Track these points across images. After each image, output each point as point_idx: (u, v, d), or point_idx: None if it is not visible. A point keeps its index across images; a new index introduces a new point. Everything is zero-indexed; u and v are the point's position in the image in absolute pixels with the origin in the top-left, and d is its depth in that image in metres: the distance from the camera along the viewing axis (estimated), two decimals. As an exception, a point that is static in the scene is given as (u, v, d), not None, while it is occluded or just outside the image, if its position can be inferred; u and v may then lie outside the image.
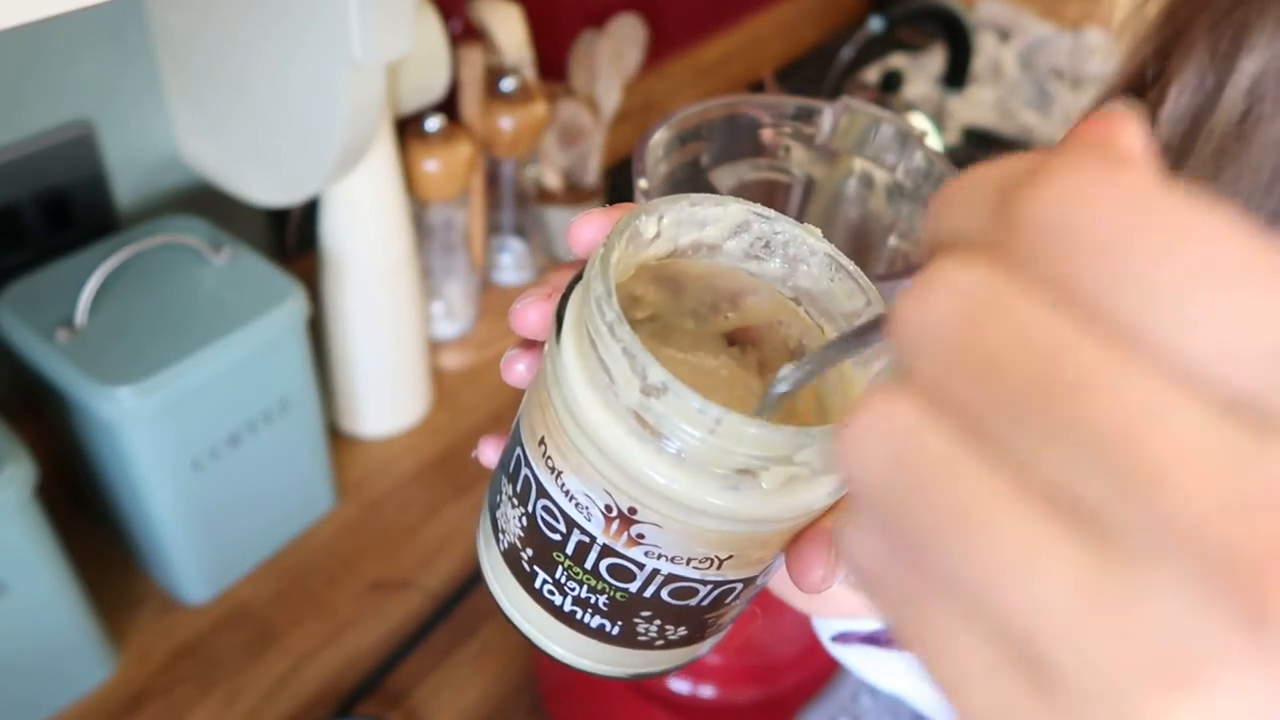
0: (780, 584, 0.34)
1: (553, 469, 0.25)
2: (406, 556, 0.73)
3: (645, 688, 0.57)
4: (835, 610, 0.35)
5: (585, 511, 0.24)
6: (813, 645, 0.57)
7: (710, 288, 0.29)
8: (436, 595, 0.71)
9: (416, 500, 0.78)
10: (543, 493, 0.25)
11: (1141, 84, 0.42)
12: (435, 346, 0.88)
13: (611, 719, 0.60)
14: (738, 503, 0.23)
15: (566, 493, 0.25)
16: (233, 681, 0.65)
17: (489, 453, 0.29)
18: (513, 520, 0.27)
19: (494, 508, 0.29)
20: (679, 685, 0.56)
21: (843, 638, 0.40)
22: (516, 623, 0.29)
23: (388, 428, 0.82)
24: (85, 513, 0.71)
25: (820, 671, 0.58)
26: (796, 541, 0.25)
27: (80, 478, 0.67)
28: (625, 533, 0.24)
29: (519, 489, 0.27)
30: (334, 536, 0.74)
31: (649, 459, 0.23)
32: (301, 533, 0.74)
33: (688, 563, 0.24)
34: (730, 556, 0.24)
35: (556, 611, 0.27)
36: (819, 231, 0.27)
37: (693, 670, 0.55)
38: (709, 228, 0.27)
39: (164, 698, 0.63)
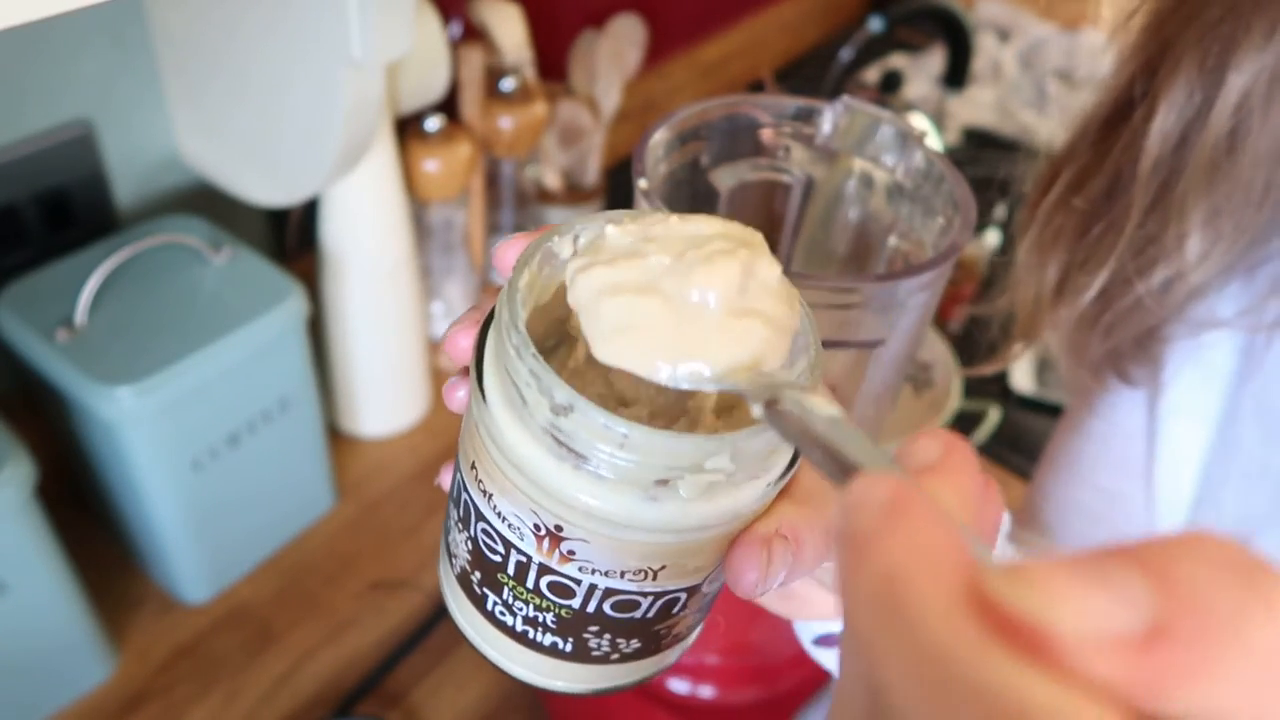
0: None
1: (485, 492, 0.25)
2: (406, 556, 0.73)
3: (645, 687, 0.57)
4: (813, 613, 0.34)
5: (518, 532, 0.25)
6: (812, 645, 0.57)
7: None
8: (436, 595, 0.71)
9: (416, 500, 0.78)
10: (480, 516, 0.26)
11: (1128, 101, 0.42)
12: (435, 346, 0.88)
13: (611, 718, 0.60)
14: (659, 514, 0.23)
15: (499, 514, 0.25)
16: (232, 681, 0.65)
17: (448, 478, 0.29)
18: (461, 545, 0.28)
19: (446, 533, 0.29)
20: (679, 685, 0.56)
21: (825, 640, 0.40)
22: (478, 646, 0.29)
23: (388, 428, 0.82)
24: (85, 513, 0.71)
25: (819, 672, 0.58)
26: (730, 547, 0.25)
27: (80, 478, 0.67)
28: (556, 550, 0.24)
29: (461, 514, 0.27)
30: (334, 536, 0.74)
31: (566, 477, 0.23)
32: (301, 533, 0.74)
33: (622, 575, 0.25)
34: (664, 567, 0.25)
35: (510, 632, 0.27)
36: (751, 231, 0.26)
37: (692, 670, 0.55)
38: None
39: (163, 697, 0.63)
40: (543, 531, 0.24)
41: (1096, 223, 0.43)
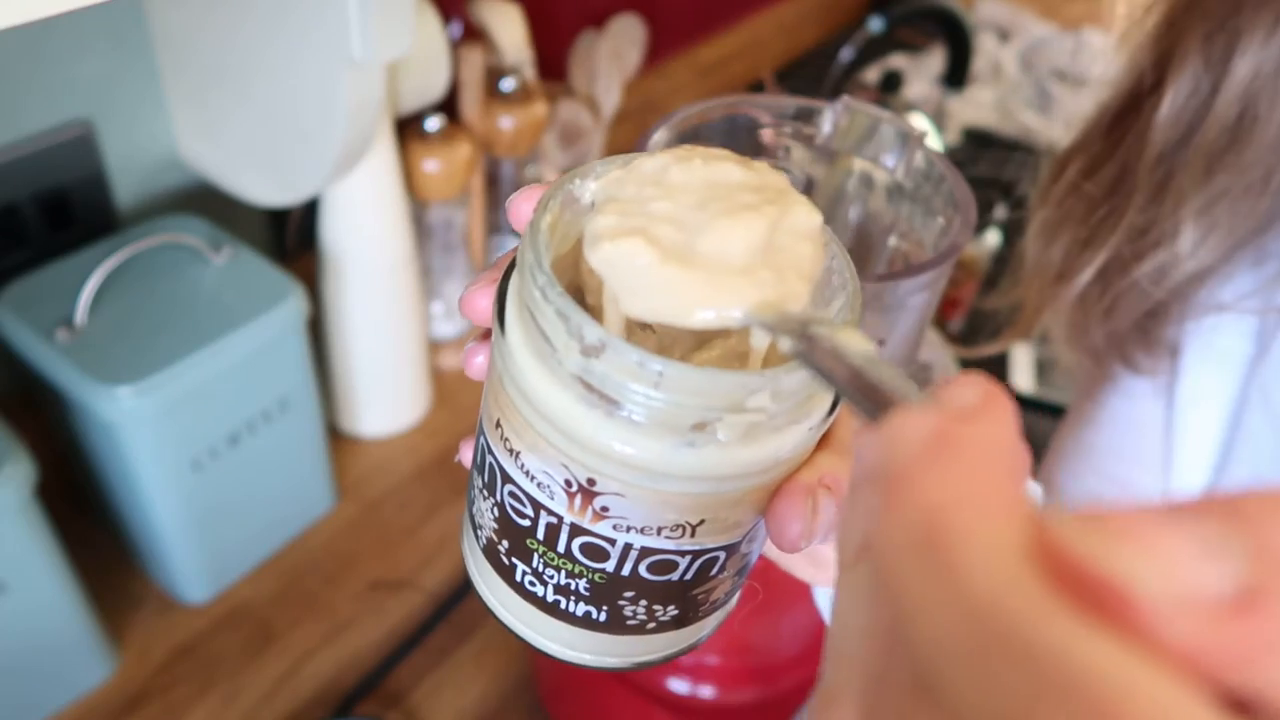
0: (777, 551, 0.32)
1: (511, 450, 0.24)
2: (406, 556, 0.73)
3: (645, 687, 0.57)
4: (833, 578, 0.34)
5: (548, 490, 0.24)
6: (812, 645, 0.57)
7: None
8: (436, 595, 0.71)
9: (416, 500, 0.78)
10: (506, 478, 0.25)
11: (1139, 94, 0.43)
12: (435, 346, 0.88)
13: (611, 718, 0.60)
14: (697, 460, 0.22)
15: (528, 473, 0.24)
16: (232, 681, 0.65)
17: (468, 454, 0.29)
18: (486, 514, 0.27)
19: (470, 504, 0.28)
20: (679, 685, 0.56)
21: None
22: (506, 622, 0.28)
23: (387, 428, 0.82)
24: (85, 513, 0.71)
25: (819, 672, 0.58)
26: (772, 498, 0.24)
27: (80, 478, 0.68)
28: (589, 507, 0.23)
29: (487, 479, 0.26)
30: (334, 536, 0.74)
31: (599, 424, 0.22)
32: (301, 533, 0.74)
33: (659, 532, 0.23)
34: (702, 521, 0.23)
35: (541, 603, 0.26)
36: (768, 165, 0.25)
37: (692, 670, 0.55)
38: None
39: (163, 697, 0.63)
40: (574, 487, 0.23)
41: (1102, 207, 0.44)
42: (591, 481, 0.23)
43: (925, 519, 0.14)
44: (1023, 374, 0.97)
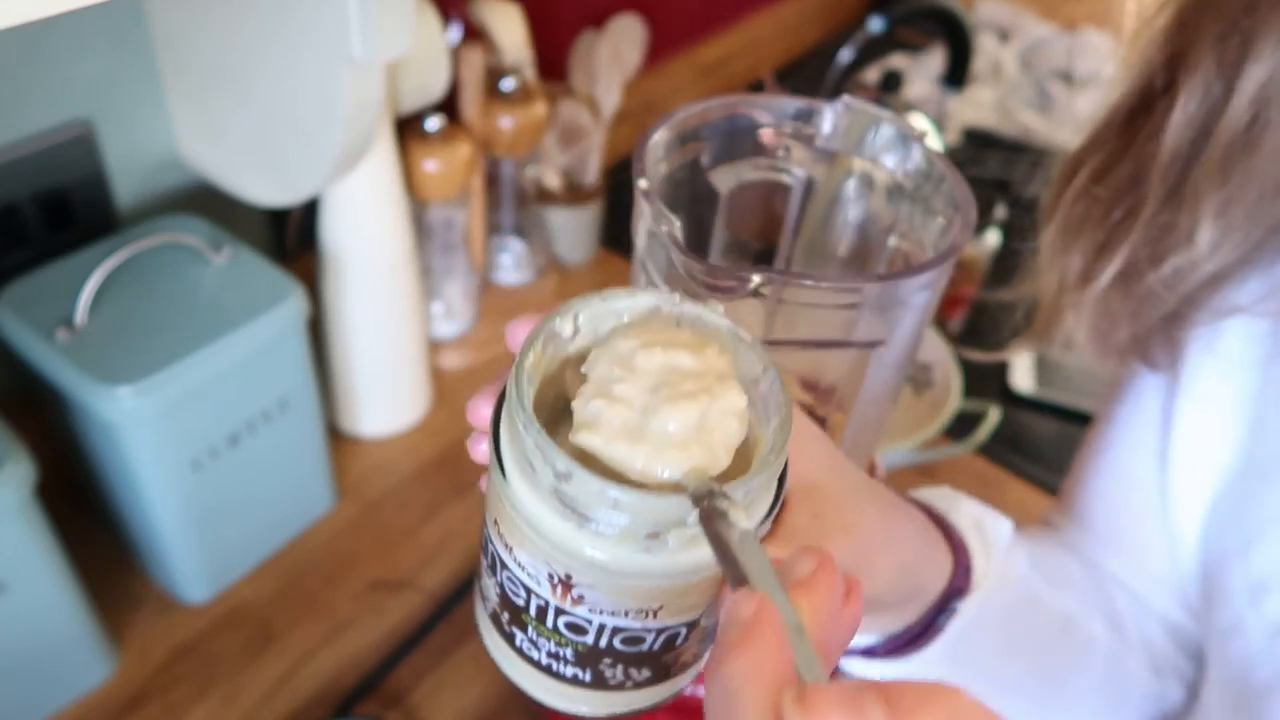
0: None
1: (506, 545, 0.29)
2: (406, 556, 0.73)
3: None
4: None
5: (536, 579, 0.28)
6: (812, 645, 0.57)
7: None
8: (436, 595, 0.71)
9: (416, 500, 0.78)
10: (504, 565, 0.29)
11: (1150, 94, 0.42)
12: (435, 346, 0.88)
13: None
14: (653, 562, 0.27)
15: (520, 564, 0.29)
16: (232, 681, 0.65)
17: (478, 450, 0.31)
18: (490, 589, 0.31)
19: (478, 577, 0.33)
20: (679, 685, 0.56)
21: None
22: (512, 677, 0.33)
23: (387, 428, 0.82)
24: (85, 513, 0.71)
25: (820, 671, 0.58)
26: (722, 589, 0.28)
27: (80, 478, 0.68)
28: (568, 595, 0.28)
29: (489, 561, 0.31)
30: (334, 536, 0.74)
31: (572, 533, 0.27)
32: (301, 533, 0.74)
33: (626, 615, 0.28)
34: (661, 606, 0.28)
35: (536, 665, 0.31)
36: (720, 309, 0.30)
37: (692, 670, 0.56)
38: (625, 317, 0.30)
39: (163, 697, 0.63)
40: (555, 580, 0.28)
41: (1118, 209, 0.44)
42: (569, 576, 0.27)
43: (725, 688, 0.22)
44: (1023, 374, 0.97)
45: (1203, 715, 0.49)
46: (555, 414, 0.31)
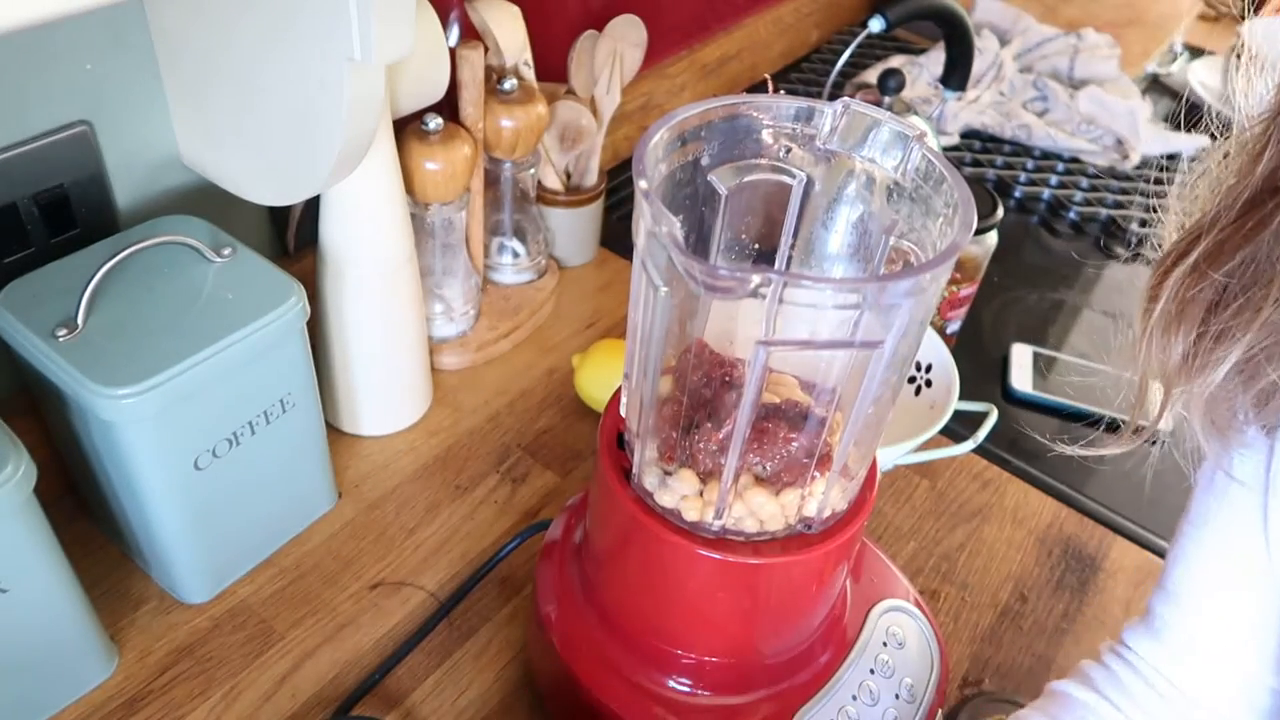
0: None
1: None
2: (406, 556, 0.73)
3: (645, 687, 0.57)
4: None
5: None
6: (813, 645, 0.57)
7: None
8: (436, 595, 0.71)
9: (416, 500, 0.78)
10: None
11: (1275, 186, 0.40)
12: (435, 346, 0.88)
13: (610, 719, 0.60)
14: None
15: None
16: (232, 681, 0.65)
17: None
18: None
19: None
20: (679, 685, 0.56)
21: None
22: None
23: (387, 428, 0.82)
24: (85, 513, 0.71)
25: (819, 672, 0.58)
26: None
27: (80, 478, 0.68)
28: None
29: None
30: (334, 536, 0.74)
31: None
32: (301, 533, 0.74)
33: None
34: None
35: None
36: None
37: (692, 670, 0.55)
38: None
39: (163, 697, 0.63)
40: None
41: (1233, 296, 0.42)
42: None
43: None
44: (1022, 374, 0.97)
45: None
46: None
